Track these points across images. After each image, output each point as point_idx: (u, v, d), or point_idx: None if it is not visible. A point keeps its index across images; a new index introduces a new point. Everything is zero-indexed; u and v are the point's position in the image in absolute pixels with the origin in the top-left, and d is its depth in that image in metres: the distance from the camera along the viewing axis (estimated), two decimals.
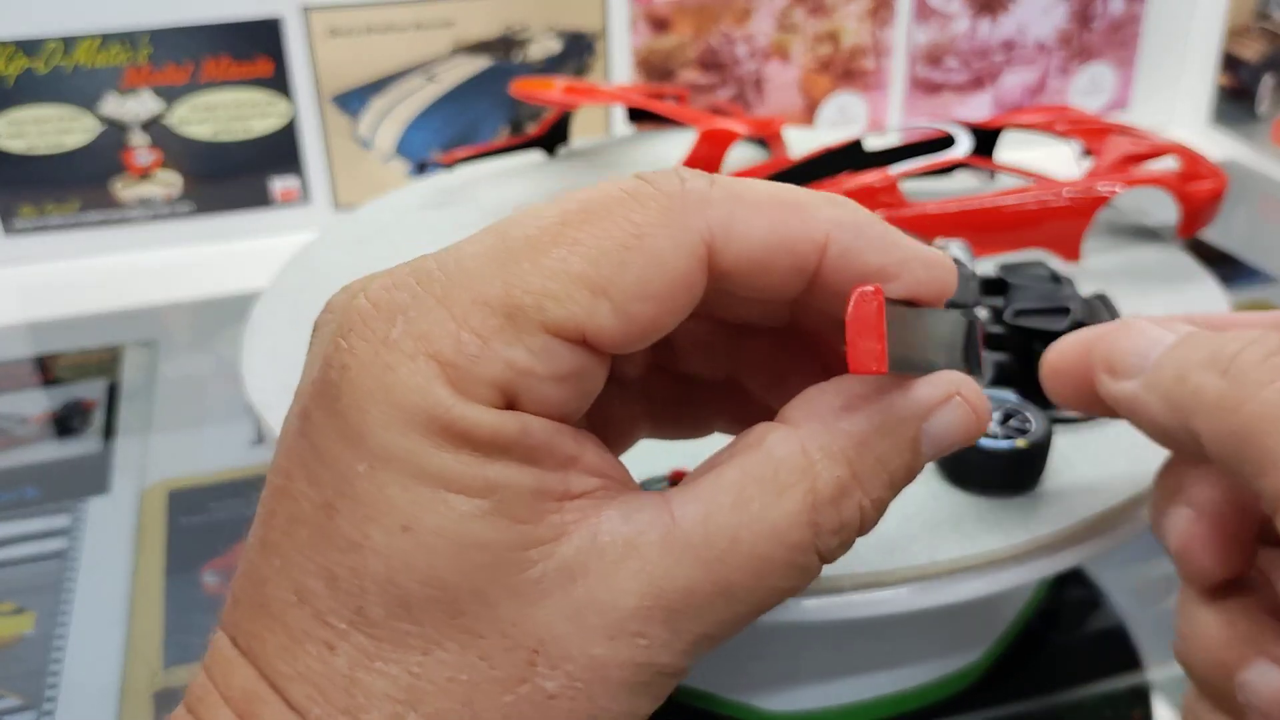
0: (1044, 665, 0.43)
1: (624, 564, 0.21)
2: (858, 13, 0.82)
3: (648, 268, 0.21)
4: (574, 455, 0.21)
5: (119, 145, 0.74)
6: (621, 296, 0.21)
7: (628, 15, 0.79)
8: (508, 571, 0.20)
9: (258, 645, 0.21)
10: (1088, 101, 0.89)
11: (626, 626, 0.21)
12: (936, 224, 0.48)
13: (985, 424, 0.24)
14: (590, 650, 0.21)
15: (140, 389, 0.62)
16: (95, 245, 0.75)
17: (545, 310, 0.20)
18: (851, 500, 0.22)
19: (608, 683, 0.21)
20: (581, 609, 0.21)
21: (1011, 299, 0.41)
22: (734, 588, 0.21)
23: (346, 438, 0.20)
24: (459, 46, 0.77)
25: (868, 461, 0.22)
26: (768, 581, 0.22)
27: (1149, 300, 0.47)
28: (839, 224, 0.22)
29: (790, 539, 0.21)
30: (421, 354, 0.20)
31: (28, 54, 0.70)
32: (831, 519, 0.22)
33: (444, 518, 0.20)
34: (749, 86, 0.83)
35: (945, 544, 0.34)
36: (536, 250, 0.21)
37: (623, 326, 0.21)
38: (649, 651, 0.21)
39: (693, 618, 0.21)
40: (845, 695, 0.40)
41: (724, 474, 0.22)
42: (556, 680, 0.20)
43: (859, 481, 0.22)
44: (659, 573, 0.21)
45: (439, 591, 0.20)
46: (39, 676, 0.44)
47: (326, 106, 0.76)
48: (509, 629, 0.20)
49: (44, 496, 0.53)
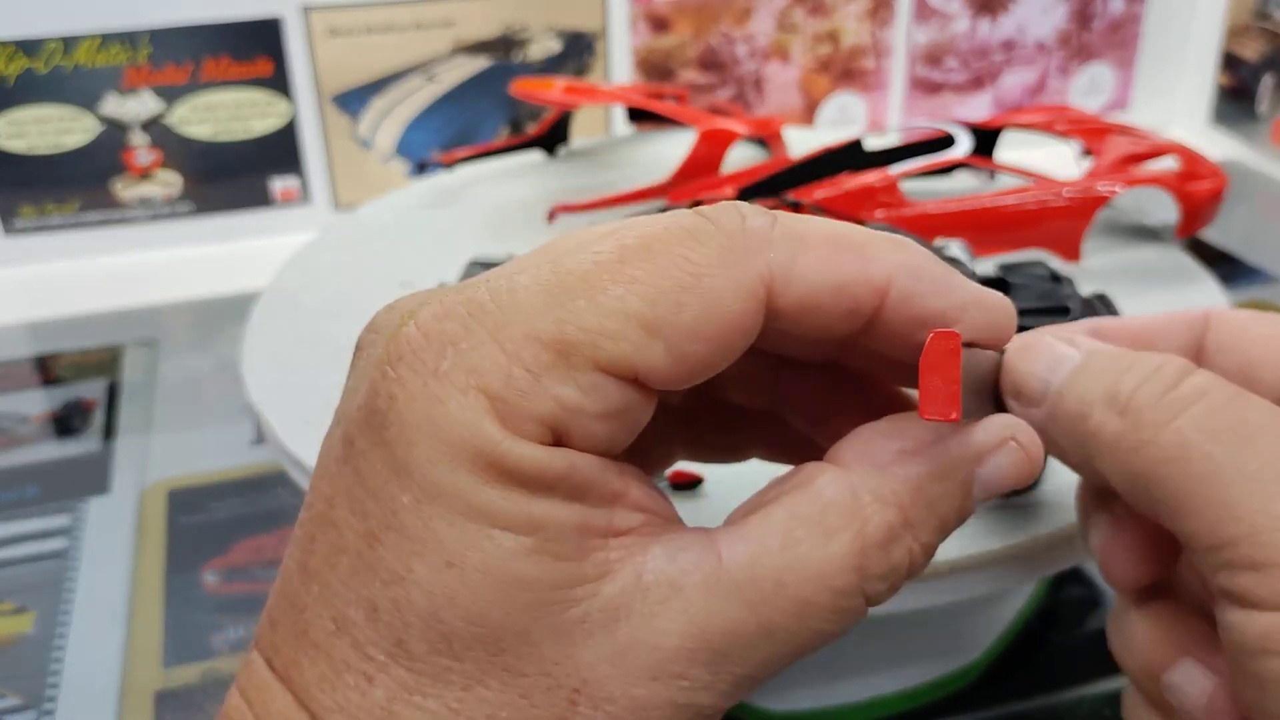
0: (1044, 665, 0.43)
1: (668, 604, 0.21)
2: (858, 13, 0.82)
3: (705, 309, 0.20)
4: (620, 491, 0.21)
5: (119, 145, 0.74)
6: (677, 337, 0.20)
7: (628, 15, 0.79)
8: (551, 610, 0.20)
9: (295, 672, 0.21)
10: (1088, 101, 0.89)
11: (669, 668, 0.20)
12: (936, 224, 0.48)
13: (1039, 468, 0.23)
14: (632, 691, 0.20)
15: (140, 389, 0.62)
16: (95, 245, 0.75)
17: (599, 348, 0.20)
18: (901, 545, 0.22)
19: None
20: (624, 649, 0.20)
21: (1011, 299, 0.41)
22: (776, 629, 0.21)
23: (393, 468, 0.20)
24: (459, 46, 0.77)
25: (919, 506, 0.22)
26: (811, 625, 0.21)
27: (1149, 300, 0.47)
28: (901, 268, 0.22)
29: (836, 583, 0.21)
30: (472, 388, 0.20)
31: (28, 54, 0.70)
32: (880, 564, 0.22)
33: (489, 555, 0.20)
34: (749, 86, 0.83)
35: (945, 544, 0.34)
36: (593, 286, 0.20)
37: (675, 366, 0.21)
38: (690, 693, 0.21)
39: (735, 660, 0.21)
40: (845, 695, 0.40)
41: (772, 514, 0.22)
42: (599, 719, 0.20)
43: (909, 526, 0.22)
44: (703, 614, 0.21)
45: (482, 629, 0.20)
46: (39, 676, 0.44)
47: (326, 106, 0.76)
48: (551, 668, 0.20)
49: (44, 496, 0.54)
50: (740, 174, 0.52)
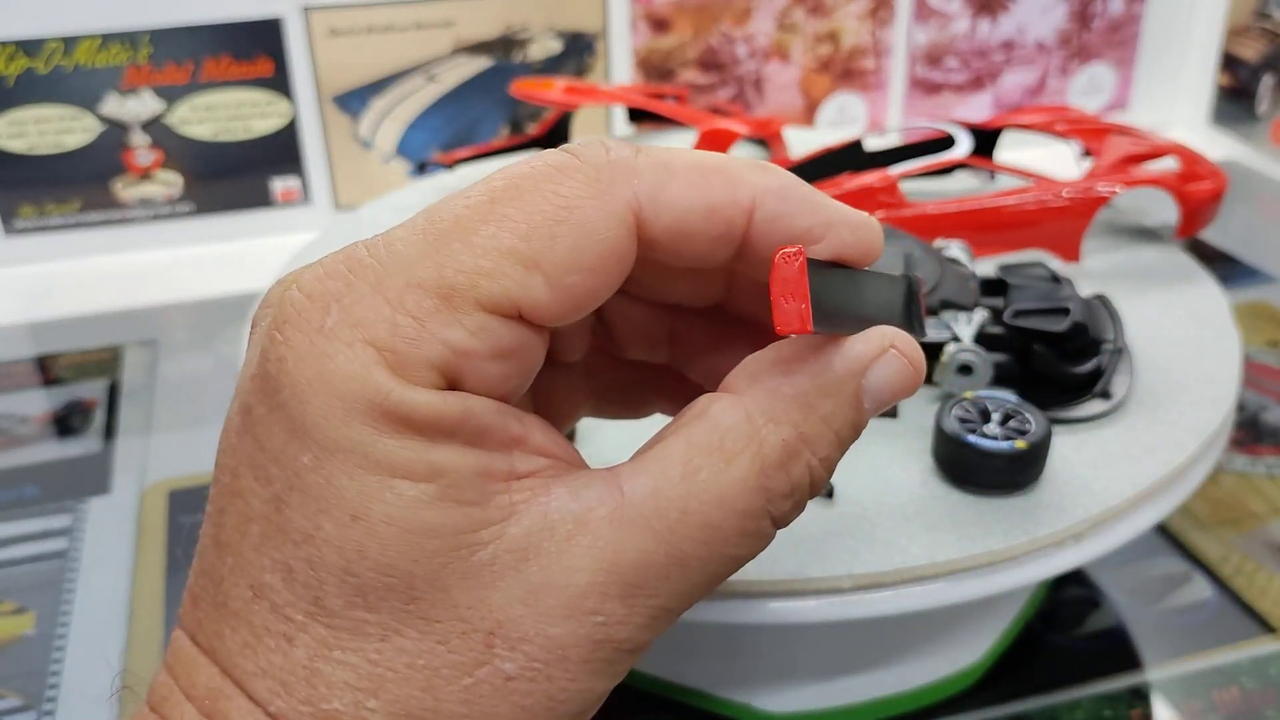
0: (1044, 665, 0.43)
1: (575, 541, 0.21)
2: (858, 13, 0.82)
3: (579, 240, 0.21)
4: (519, 435, 0.21)
5: (119, 145, 0.74)
6: (554, 269, 0.21)
7: (628, 15, 0.79)
8: (459, 555, 0.20)
9: (218, 643, 0.21)
10: (1087, 101, 0.89)
11: (582, 604, 0.21)
12: (936, 224, 0.48)
13: (921, 375, 0.24)
14: (547, 630, 0.21)
15: (140, 389, 0.62)
16: (95, 245, 0.75)
17: (479, 288, 0.20)
18: (800, 462, 0.22)
19: (567, 662, 0.21)
20: (536, 589, 0.21)
21: (1011, 299, 0.41)
22: (688, 559, 0.21)
23: (290, 430, 0.20)
24: (459, 46, 0.77)
25: (813, 422, 0.22)
26: (721, 550, 0.22)
27: (1149, 300, 0.47)
28: (765, 189, 0.22)
29: (740, 505, 0.21)
30: (358, 341, 0.20)
31: (28, 54, 0.70)
32: (782, 482, 0.22)
33: (392, 505, 0.20)
34: (749, 86, 0.83)
35: (945, 544, 0.34)
36: (466, 229, 0.21)
37: (558, 299, 0.21)
38: (606, 629, 0.21)
39: (648, 591, 0.21)
40: (845, 695, 0.40)
41: (671, 446, 0.22)
42: (515, 662, 0.20)
43: (806, 442, 0.22)
44: (611, 548, 0.21)
45: (393, 578, 0.20)
46: (39, 676, 0.44)
47: (327, 106, 0.76)
48: (465, 613, 0.20)
49: (44, 496, 0.54)
50: None
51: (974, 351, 0.39)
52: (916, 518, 0.35)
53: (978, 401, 0.37)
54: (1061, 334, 0.39)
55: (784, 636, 0.38)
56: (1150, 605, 0.46)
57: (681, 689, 0.41)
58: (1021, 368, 0.40)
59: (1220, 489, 0.52)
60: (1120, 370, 0.41)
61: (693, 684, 0.40)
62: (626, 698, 0.41)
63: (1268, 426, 0.56)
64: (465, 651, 0.20)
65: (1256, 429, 0.55)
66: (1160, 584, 0.47)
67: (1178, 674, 0.42)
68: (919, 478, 0.37)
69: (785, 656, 0.39)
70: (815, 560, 0.34)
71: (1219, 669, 0.42)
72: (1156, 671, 0.43)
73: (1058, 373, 0.39)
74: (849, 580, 0.33)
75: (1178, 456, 0.38)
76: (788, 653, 0.39)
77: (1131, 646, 0.44)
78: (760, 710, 0.40)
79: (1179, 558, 0.48)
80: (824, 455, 0.22)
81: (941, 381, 0.39)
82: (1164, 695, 0.42)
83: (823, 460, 0.22)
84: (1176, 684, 0.42)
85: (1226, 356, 0.43)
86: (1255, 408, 0.57)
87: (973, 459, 0.35)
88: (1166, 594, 0.46)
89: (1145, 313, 0.46)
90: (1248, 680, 0.42)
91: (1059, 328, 0.39)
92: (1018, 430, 0.36)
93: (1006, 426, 0.36)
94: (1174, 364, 0.42)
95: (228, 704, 0.21)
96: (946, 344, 0.39)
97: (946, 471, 0.36)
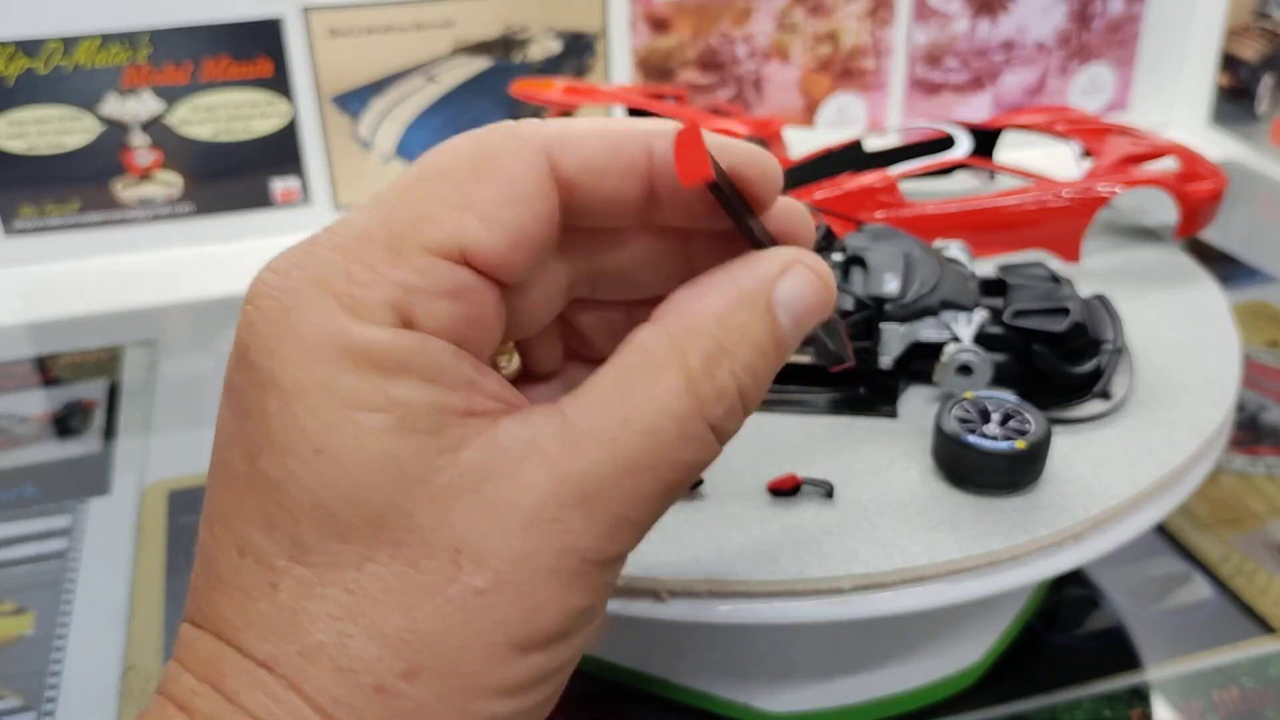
0: (1044, 665, 0.43)
1: (528, 459, 0.22)
2: (857, 13, 0.82)
3: (502, 181, 0.23)
4: (473, 379, 0.23)
5: (119, 145, 0.74)
6: (485, 207, 0.22)
7: (628, 15, 0.79)
8: (419, 481, 0.22)
9: (213, 612, 0.22)
10: (1087, 102, 0.89)
11: (541, 514, 0.22)
12: (936, 224, 0.48)
13: (832, 289, 0.25)
14: (510, 543, 0.22)
15: (140, 389, 0.62)
16: (95, 245, 0.75)
17: (422, 233, 0.22)
18: (723, 368, 0.23)
19: (534, 571, 0.22)
20: (494, 506, 0.22)
21: (1011, 299, 0.41)
22: (637, 466, 0.23)
23: (259, 385, 0.22)
24: (459, 46, 0.77)
25: (730, 332, 0.24)
26: (666, 455, 0.23)
27: (1149, 300, 0.47)
28: (660, 130, 0.24)
29: (674, 410, 0.23)
30: (318, 293, 0.22)
31: (28, 54, 0.70)
32: (708, 388, 0.23)
33: (353, 436, 0.21)
34: (749, 86, 0.83)
35: (945, 544, 0.34)
36: (406, 192, 0.23)
37: (494, 236, 0.23)
38: (567, 536, 0.22)
39: (604, 500, 0.22)
40: (845, 695, 0.40)
41: (604, 375, 0.24)
42: (483, 576, 0.22)
43: (725, 351, 0.24)
44: (561, 462, 0.22)
45: (361, 506, 0.21)
46: (39, 676, 0.44)
47: (326, 107, 0.76)
48: (429, 535, 0.21)
49: (44, 496, 0.54)
50: None
51: (974, 351, 0.39)
52: (916, 518, 0.35)
53: (978, 401, 0.37)
54: (1061, 334, 0.39)
55: (784, 636, 0.38)
56: (1150, 605, 0.46)
57: (681, 689, 0.41)
58: (1021, 368, 0.40)
59: (1220, 489, 0.52)
60: (1120, 370, 0.41)
61: (693, 684, 0.40)
62: (627, 697, 0.41)
63: (1267, 426, 0.56)
64: (434, 572, 0.21)
65: (1256, 429, 0.55)
66: (1160, 584, 0.47)
67: (1178, 674, 0.43)
68: (919, 478, 0.37)
69: (785, 656, 0.39)
70: (815, 560, 0.34)
71: (1219, 669, 0.42)
72: (1156, 671, 0.43)
73: (1057, 373, 0.39)
74: (849, 580, 0.33)
75: (1177, 456, 0.38)
76: (787, 653, 0.39)
77: (1131, 646, 0.44)
78: (760, 710, 0.40)
79: (1179, 558, 0.48)
80: (745, 362, 0.24)
81: (941, 381, 0.39)
82: (1164, 695, 0.42)
83: (745, 368, 0.24)
84: (1176, 684, 0.42)
85: (1226, 356, 0.43)
86: (1255, 408, 0.57)
87: (972, 459, 0.35)
88: (1166, 594, 0.46)
89: (1145, 313, 0.46)
90: (1248, 680, 0.42)
91: (1059, 328, 0.39)
92: (1018, 430, 0.36)
93: (1006, 426, 0.36)
94: (1174, 364, 0.42)
95: (223, 664, 0.22)
96: (946, 344, 0.39)
97: (946, 471, 0.36)
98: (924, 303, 0.40)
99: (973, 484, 0.36)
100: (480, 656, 0.22)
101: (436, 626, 0.21)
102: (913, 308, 0.40)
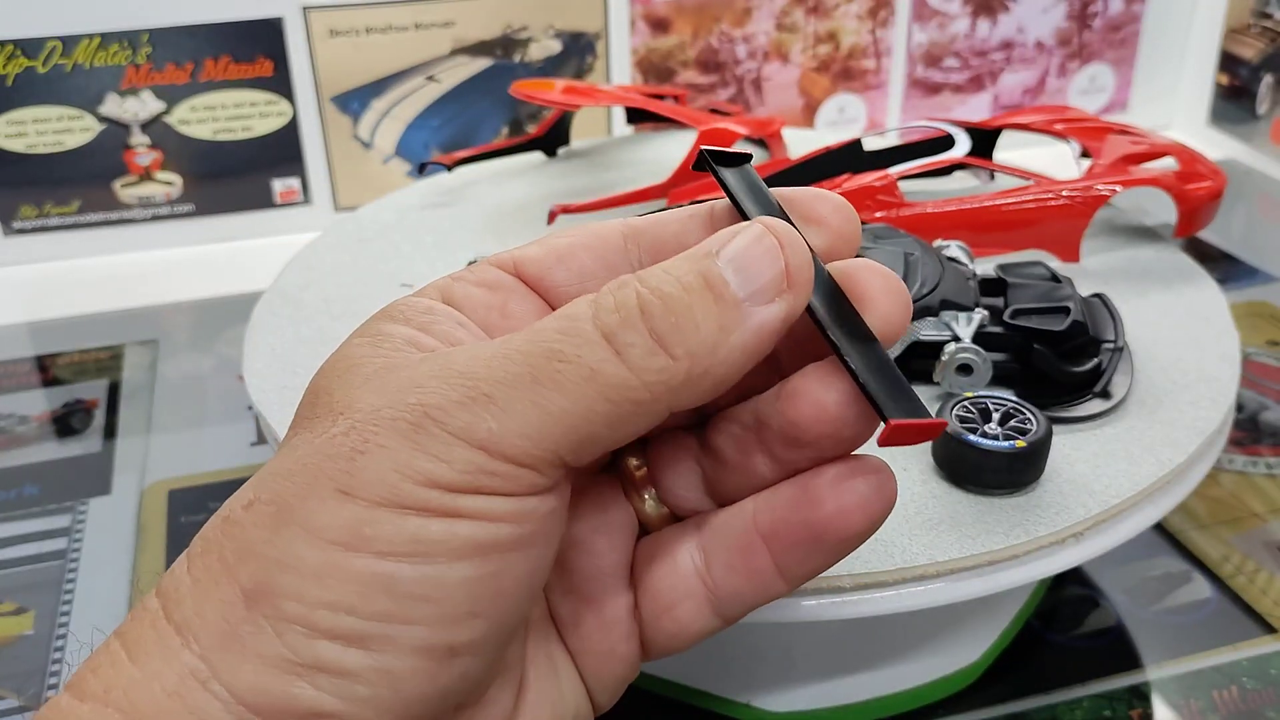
0: (1044, 665, 0.43)
1: (433, 359, 0.24)
2: (857, 13, 0.82)
3: None
4: (450, 333, 0.25)
5: (119, 145, 0.74)
6: None
7: (628, 15, 0.79)
8: (350, 370, 0.24)
9: (171, 586, 0.23)
10: (1087, 102, 0.89)
11: (424, 384, 0.23)
12: (936, 224, 0.48)
13: (783, 250, 0.23)
14: (375, 402, 0.23)
15: (140, 389, 0.62)
16: (95, 245, 0.75)
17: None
18: (628, 288, 0.23)
19: (380, 420, 0.23)
20: (386, 384, 0.23)
21: (1010, 299, 0.41)
22: (511, 349, 0.23)
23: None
24: (459, 46, 0.77)
25: (652, 271, 0.24)
26: (541, 340, 0.23)
27: (1148, 300, 0.47)
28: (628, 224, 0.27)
29: (565, 310, 0.23)
30: None
31: (28, 54, 0.70)
32: (607, 298, 0.23)
33: (347, 345, 0.25)
34: (749, 86, 0.83)
35: (945, 544, 0.34)
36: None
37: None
38: (420, 394, 0.23)
39: (470, 375, 0.23)
40: (845, 695, 0.40)
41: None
42: (343, 424, 0.23)
43: (638, 277, 0.23)
44: (463, 358, 0.23)
45: (316, 393, 0.24)
46: (39, 676, 0.44)
47: (326, 107, 0.76)
48: (334, 404, 0.24)
49: (44, 496, 0.54)
50: None
51: (974, 351, 0.39)
52: (916, 517, 0.35)
53: (978, 401, 0.37)
54: (1061, 333, 0.39)
55: (784, 636, 0.38)
56: (1150, 605, 0.46)
57: (682, 689, 0.41)
58: (1021, 367, 0.40)
59: (1220, 489, 0.52)
60: (1120, 370, 0.41)
61: (693, 684, 0.40)
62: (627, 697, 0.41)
63: (1267, 426, 0.56)
64: (321, 429, 0.23)
65: (1256, 429, 0.56)
66: (1160, 583, 0.47)
67: (1178, 674, 0.43)
68: (919, 477, 0.37)
69: (785, 656, 0.39)
70: None
71: (1219, 669, 0.42)
72: (1156, 671, 0.43)
73: (1057, 372, 0.39)
74: (849, 580, 0.33)
75: (1177, 456, 0.38)
76: (787, 652, 0.39)
77: (1131, 646, 0.44)
78: (760, 709, 0.40)
79: (1179, 557, 0.48)
80: (655, 285, 0.23)
81: (941, 381, 0.39)
82: (1164, 695, 0.42)
83: (655, 290, 0.23)
84: (1176, 684, 0.42)
85: (1226, 356, 0.43)
86: (1255, 407, 0.57)
87: (973, 458, 0.35)
88: (1166, 594, 0.46)
89: (1145, 312, 0.46)
90: (1248, 680, 0.42)
91: (1058, 327, 0.39)
92: (1018, 430, 0.36)
93: (1006, 426, 0.36)
94: (1173, 364, 0.42)
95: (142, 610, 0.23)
96: (946, 344, 0.39)
97: (946, 471, 0.36)
98: (924, 302, 0.40)
99: (973, 483, 0.36)
100: (305, 493, 0.22)
101: (290, 466, 0.23)
102: (913, 307, 0.40)
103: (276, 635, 0.21)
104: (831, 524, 0.24)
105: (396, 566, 0.22)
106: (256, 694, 0.21)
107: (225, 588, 0.22)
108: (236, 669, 0.21)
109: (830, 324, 0.24)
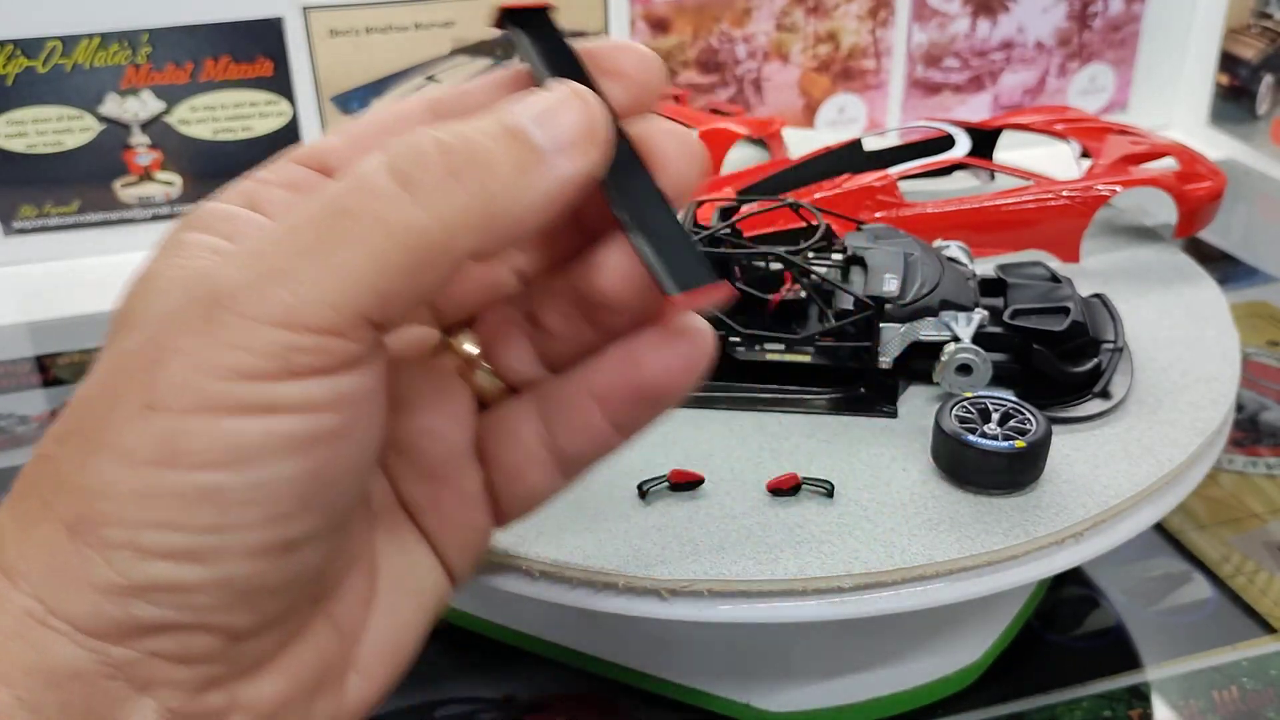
0: (1044, 665, 0.43)
1: (225, 254, 0.24)
2: (857, 13, 0.82)
3: None
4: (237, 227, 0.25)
5: (119, 145, 0.74)
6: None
7: (628, 15, 0.79)
8: (149, 283, 0.24)
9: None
10: (1087, 102, 0.89)
11: (202, 278, 0.22)
12: (936, 224, 0.48)
13: (590, 113, 0.23)
14: (165, 306, 0.23)
15: None
16: (95, 245, 0.75)
17: None
18: (423, 134, 0.22)
19: (172, 323, 0.22)
20: (176, 288, 0.23)
21: (1010, 299, 0.41)
22: (299, 223, 0.22)
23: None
24: (459, 46, 0.77)
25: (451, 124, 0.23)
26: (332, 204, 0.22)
27: (1148, 300, 0.47)
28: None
29: (355, 168, 0.22)
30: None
31: (28, 54, 0.70)
32: (399, 145, 0.22)
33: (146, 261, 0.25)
34: (749, 86, 0.83)
35: (945, 544, 0.34)
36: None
37: None
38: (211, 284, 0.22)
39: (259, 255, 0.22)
40: (844, 695, 0.40)
41: None
42: (137, 337, 0.22)
43: (435, 127, 0.23)
44: (249, 242, 0.23)
45: (115, 317, 0.24)
46: None
47: (326, 106, 0.76)
48: (131, 319, 0.23)
49: None
50: (740, 174, 0.53)
51: (974, 351, 0.39)
52: (916, 517, 0.35)
53: (977, 401, 0.37)
54: (1061, 333, 0.39)
55: (784, 636, 0.38)
56: (1150, 605, 0.46)
57: (682, 689, 0.41)
58: (1021, 368, 0.40)
59: (1220, 489, 0.52)
60: (1120, 370, 0.41)
61: (693, 684, 0.40)
62: (627, 697, 0.41)
63: (1267, 426, 0.56)
64: (119, 348, 0.23)
65: (1256, 429, 0.56)
66: (1160, 584, 0.47)
67: (1178, 674, 0.43)
68: (919, 477, 0.37)
69: (785, 656, 0.39)
70: (815, 559, 0.34)
71: (1219, 669, 0.42)
72: (1156, 671, 0.43)
73: (1057, 372, 0.39)
74: (849, 580, 0.33)
75: (1177, 456, 0.38)
76: (787, 652, 0.39)
77: (1131, 646, 0.44)
78: (760, 709, 0.40)
79: (1178, 557, 0.48)
80: (453, 132, 0.22)
81: (941, 381, 0.39)
82: (1164, 695, 0.42)
83: (454, 134, 0.22)
84: (1176, 684, 0.42)
85: (1226, 356, 0.43)
86: (1255, 408, 0.57)
87: (972, 458, 0.35)
88: (1166, 594, 0.46)
89: (1145, 312, 0.46)
90: (1248, 680, 0.42)
91: (1058, 327, 0.39)
92: (1017, 430, 0.36)
93: (1006, 426, 0.36)
94: (1173, 364, 0.42)
95: None
96: (946, 344, 0.39)
97: (946, 471, 0.36)
98: (924, 302, 0.40)
99: (973, 483, 0.36)
100: (110, 415, 0.22)
101: (92, 391, 0.22)
102: (912, 307, 0.40)
103: (106, 563, 0.21)
104: (656, 383, 0.25)
105: (217, 476, 0.21)
106: (97, 619, 0.21)
107: (46, 525, 0.22)
108: (72, 601, 0.21)
109: (618, 193, 0.24)
